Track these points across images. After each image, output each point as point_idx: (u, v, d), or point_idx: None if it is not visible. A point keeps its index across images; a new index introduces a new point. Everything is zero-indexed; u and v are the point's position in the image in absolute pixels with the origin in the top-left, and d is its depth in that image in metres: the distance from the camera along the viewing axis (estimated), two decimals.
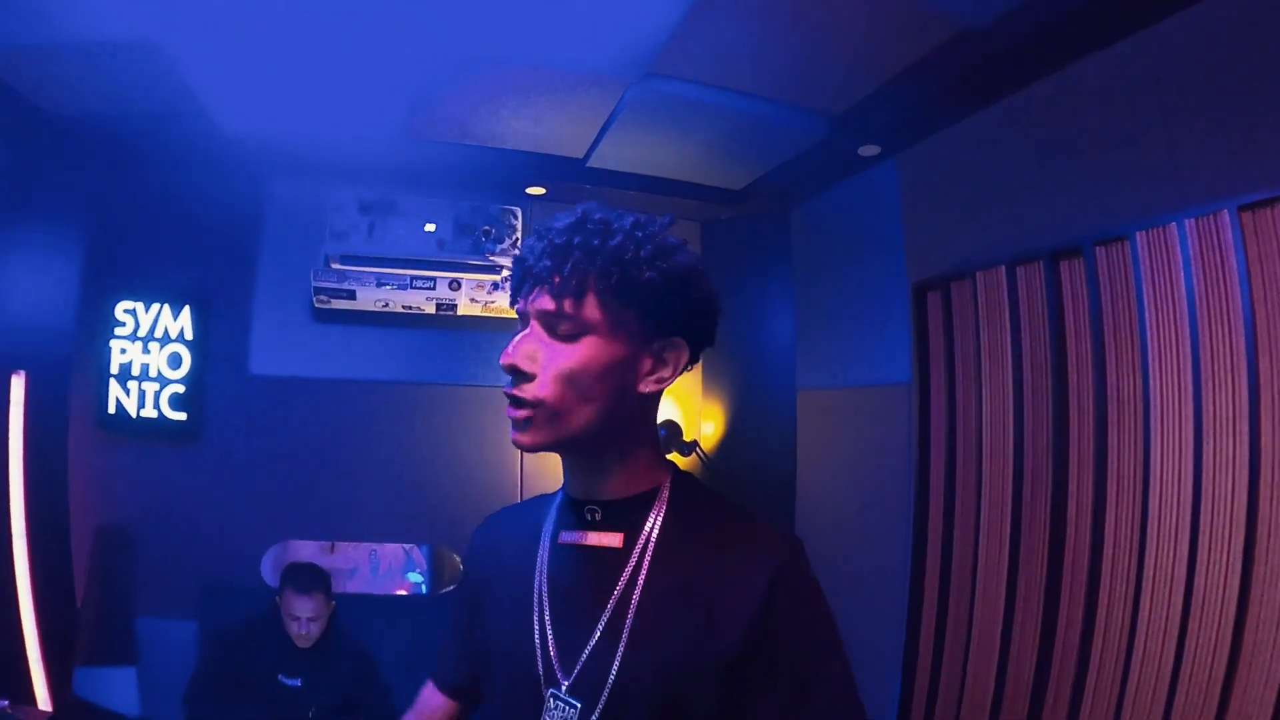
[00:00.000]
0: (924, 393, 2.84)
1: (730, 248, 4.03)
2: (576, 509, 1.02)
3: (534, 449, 0.96)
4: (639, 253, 0.93)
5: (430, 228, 3.50)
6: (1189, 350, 1.91)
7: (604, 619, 0.95)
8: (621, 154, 3.27)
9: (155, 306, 3.58)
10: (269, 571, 3.57)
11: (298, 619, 3.02)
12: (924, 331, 2.86)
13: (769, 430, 3.85)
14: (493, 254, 3.57)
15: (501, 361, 0.96)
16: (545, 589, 1.02)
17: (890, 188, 3.11)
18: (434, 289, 3.57)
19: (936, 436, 2.77)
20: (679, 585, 0.94)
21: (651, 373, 0.96)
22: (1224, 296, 1.86)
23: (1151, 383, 2.00)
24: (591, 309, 0.93)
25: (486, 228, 3.59)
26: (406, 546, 3.76)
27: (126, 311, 3.56)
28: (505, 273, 3.61)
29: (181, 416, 3.56)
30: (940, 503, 2.73)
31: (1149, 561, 1.97)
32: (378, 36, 2.46)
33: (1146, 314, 2.02)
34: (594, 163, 3.34)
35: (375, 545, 3.73)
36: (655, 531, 0.97)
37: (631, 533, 0.97)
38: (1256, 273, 1.80)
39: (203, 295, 3.65)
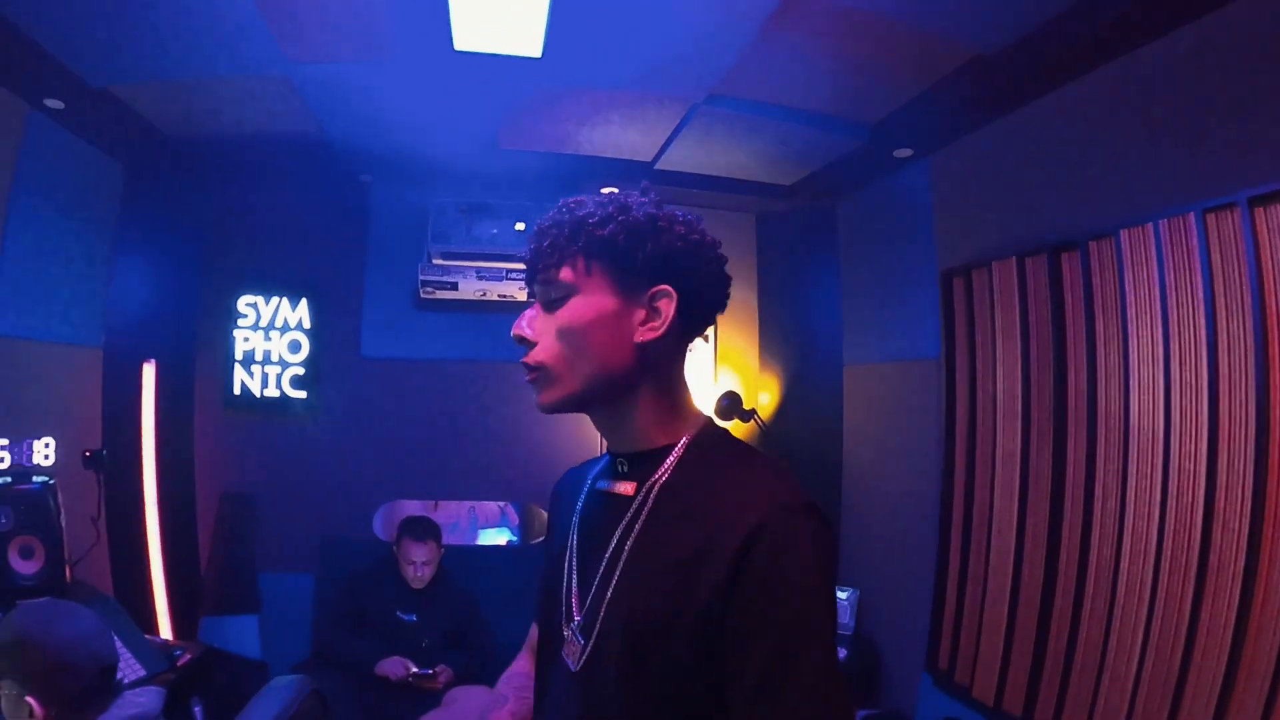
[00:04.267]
0: (950, 366, 3.17)
1: (782, 237, 4.34)
2: (612, 461, 1.07)
3: (550, 409, 1.02)
4: (603, 213, 0.98)
5: (520, 226, 3.81)
6: (1160, 328, 2.26)
7: (604, 562, 0.99)
8: (686, 158, 3.57)
9: (275, 299, 3.97)
10: (380, 527, 3.95)
11: (413, 563, 3.41)
12: (950, 313, 3.18)
13: (819, 399, 4.13)
14: None
15: (511, 334, 1.03)
16: (575, 531, 1.08)
17: (922, 185, 3.39)
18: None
19: (960, 403, 3.11)
20: (669, 534, 0.95)
21: (646, 322, 0.98)
22: (1189, 284, 2.19)
23: (1130, 355, 2.36)
24: (567, 273, 0.98)
25: None
26: (501, 504, 4.12)
27: (248, 304, 3.94)
28: None
29: (302, 395, 3.95)
30: (963, 459, 3.08)
31: (1129, 509, 2.34)
32: (478, 72, 2.75)
33: (1127, 298, 2.35)
34: (661, 165, 3.64)
35: (473, 503, 4.09)
36: (662, 480, 0.99)
37: (644, 481, 1.00)
38: (1216, 261, 2.13)
39: (318, 288, 4.02)
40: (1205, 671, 2.06)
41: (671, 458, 1.00)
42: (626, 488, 1.02)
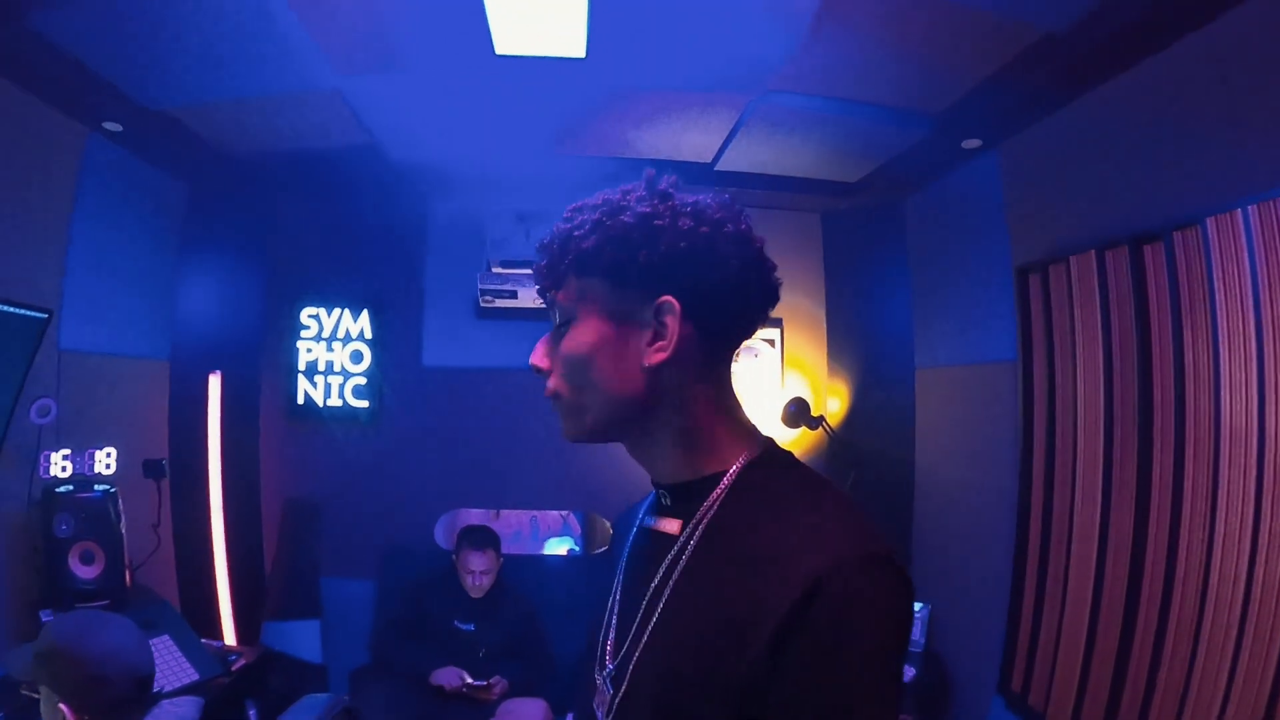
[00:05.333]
0: (1027, 370, 2.99)
1: (848, 236, 4.21)
2: (656, 494, 0.97)
3: (573, 440, 0.93)
4: (587, 223, 0.88)
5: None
6: (1252, 324, 2.05)
7: (641, 609, 0.88)
8: (745, 158, 3.49)
9: (337, 311, 4.04)
10: (441, 535, 3.97)
11: (472, 572, 3.40)
12: (1026, 312, 3.00)
13: (890, 405, 3.98)
14: None
15: (529, 362, 0.94)
16: (621, 572, 0.99)
17: (993, 177, 3.22)
18: None
19: (1038, 408, 2.92)
20: (715, 582, 0.82)
21: (653, 342, 0.86)
22: None
23: (1220, 354, 2.15)
24: (563, 296, 0.90)
25: None
26: (563, 513, 4.11)
27: (310, 316, 4.03)
28: None
29: (364, 404, 4.02)
30: (1041, 467, 2.89)
31: (1219, 519, 2.14)
32: (527, 76, 2.72)
33: (1216, 292, 2.15)
34: (721, 166, 3.57)
35: (535, 512, 4.09)
36: (708, 518, 0.86)
37: (689, 519, 0.88)
38: None
39: (379, 299, 4.08)
40: None
41: (719, 489, 0.87)
42: (671, 525, 0.90)
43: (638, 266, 0.86)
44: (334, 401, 4.04)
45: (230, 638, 3.56)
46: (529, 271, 3.64)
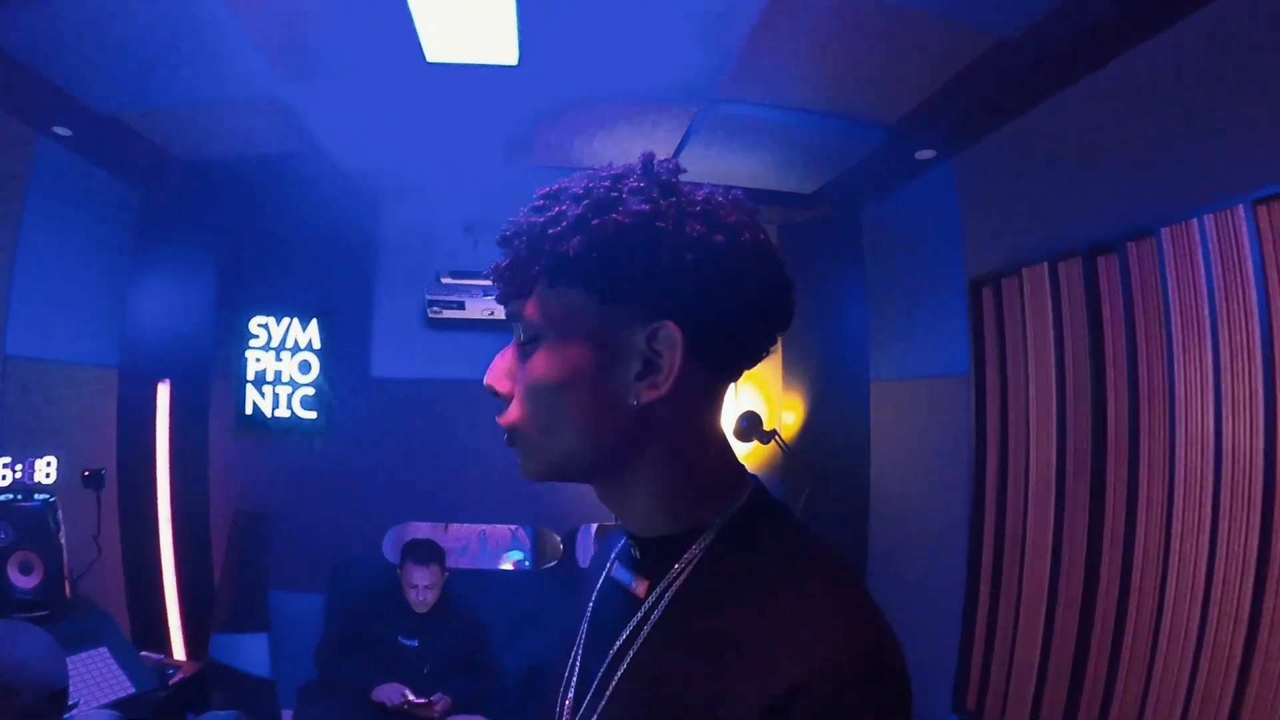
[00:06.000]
0: (980, 383, 2.96)
1: (805, 248, 4.14)
2: (626, 543, 0.82)
3: (536, 479, 0.77)
4: (568, 217, 0.70)
5: None
6: (1208, 336, 2.02)
7: (600, 673, 0.76)
8: (697, 168, 3.40)
9: (286, 320, 3.97)
10: (390, 549, 3.90)
11: (416, 587, 3.34)
12: (979, 325, 2.98)
13: (846, 418, 3.92)
14: None
15: (484, 382, 0.77)
16: (585, 626, 0.84)
17: (948, 188, 3.19)
18: None
19: (991, 423, 2.89)
20: (678, 661, 0.69)
21: (644, 376, 0.70)
22: (1240, 285, 1.96)
23: (1175, 366, 2.13)
24: (531, 308, 0.72)
25: None
26: (512, 527, 4.05)
27: (260, 325, 3.96)
28: None
29: (312, 415, 3.96)
30: (994, 482, 2.86)
31: (1175, 533, 2.11)
32: (463, 84, 2.71)
33: (1171, 304, 2.13)
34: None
35: (484, 526, 4.03)
36: (676, 585, 0.73)
37: (657, 581, 0.75)
38: (1271, 264, 1.92)
39: (328, 309, 4.02)
40: None
41: (693, 552, 0.73)
42: (639, 586, 0.76)
43: (631, 281, 0.68)
44: (282, 412, 3.98)
45: (179, 651, 3.51)
46: (478, 283, 3.55)
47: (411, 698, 3.12)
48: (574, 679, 0.80)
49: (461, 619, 3.48)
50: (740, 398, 4.13)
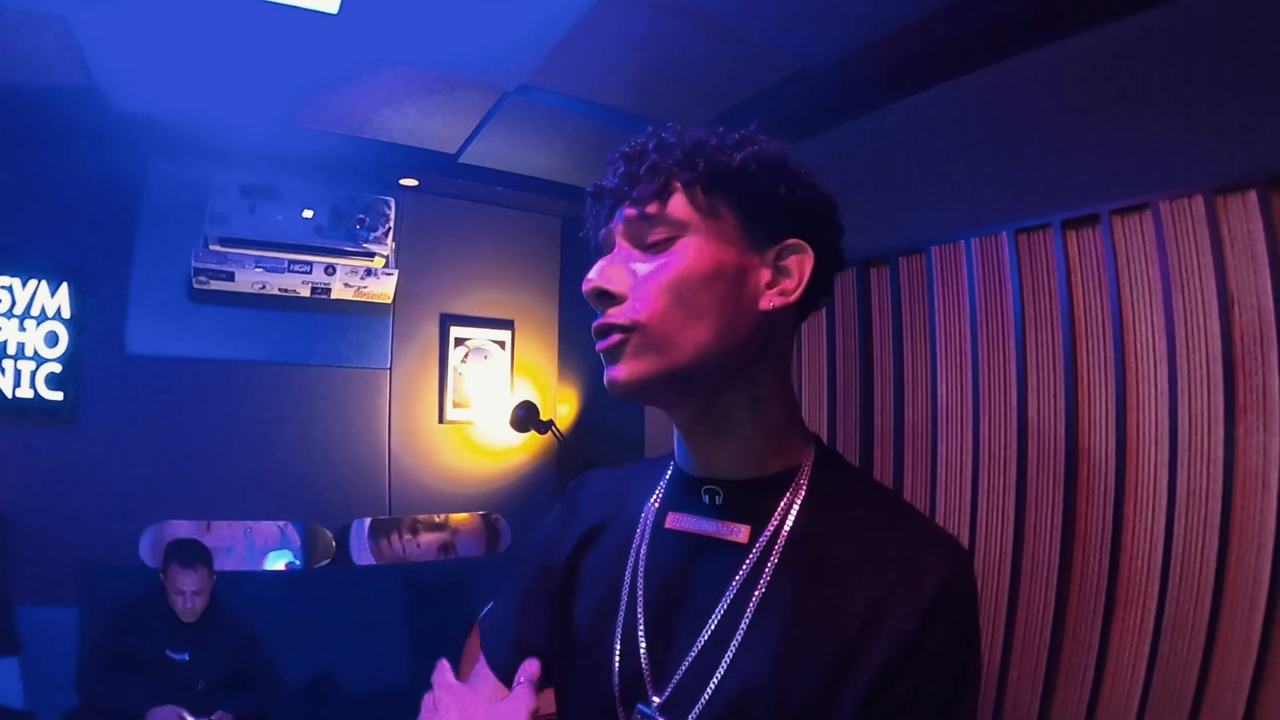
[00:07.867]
0: None
1: (586, 243, 4.21)
2: (692, 488, 0.83)
3: (638, 384, 0.77)
4: (724, 140, 0.79)
5: (308, 214, 3.52)
6: (969, 341, 2.32)
7: (710, 625, 0.77)
8: (491, 153, 3.45)
9: (33, 283, 3.44)
10: (147, 552, 3.51)
11: (183, 593, 3.02)
12: None
13: (619, 413, 3.98)
14: (366, 241, 3.65)
15: (584, 288, 0.80)
16: (641, 584, 0.83)
17: None
18: (310, 273, 3.60)
19: None
20: (815, 592, 0.74)
21: (773, 284, 0.78)
22: (999, 298, 2.26)
23: (938, 368, 2.41)
24: (680, 207, 0.77)
25: (361, 216, 3.63)
26: (280, 524, 3.76)
27: (3, 287, 3.40)
28: (378, 259, 3.70)
29: (58, 396, 3.46)
30: None
31: (939, 511, 2.40)
32: (272, 27, 2.51)
33: (936, 311, 2.41)
34: (465, 159, 3.52)
35: (250, 523, 3.70)
36: (789, 525, 0.77)
37: (760, 524, 0.78)
38: (1027, 275, 2.19)
39: (81, 272, 3.50)
40: None
41: (795, 493, 0.79)
42: (738, 533, 0.78)
43: (773, 199, 0.79)
44: (24, 392, 3.43)
45: None
46: (251, 252, 3.23)
47: (190, 719, 2.87)
48: (643, 644, 0.80)
49: (233, 628, 3.20)
50: (517, 390, 4.16)
